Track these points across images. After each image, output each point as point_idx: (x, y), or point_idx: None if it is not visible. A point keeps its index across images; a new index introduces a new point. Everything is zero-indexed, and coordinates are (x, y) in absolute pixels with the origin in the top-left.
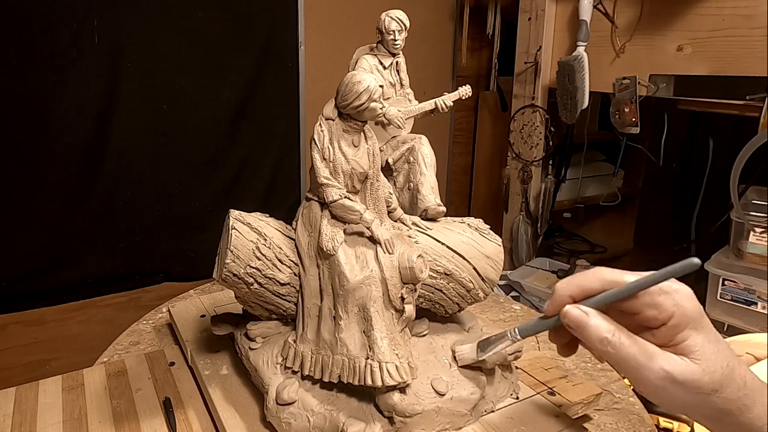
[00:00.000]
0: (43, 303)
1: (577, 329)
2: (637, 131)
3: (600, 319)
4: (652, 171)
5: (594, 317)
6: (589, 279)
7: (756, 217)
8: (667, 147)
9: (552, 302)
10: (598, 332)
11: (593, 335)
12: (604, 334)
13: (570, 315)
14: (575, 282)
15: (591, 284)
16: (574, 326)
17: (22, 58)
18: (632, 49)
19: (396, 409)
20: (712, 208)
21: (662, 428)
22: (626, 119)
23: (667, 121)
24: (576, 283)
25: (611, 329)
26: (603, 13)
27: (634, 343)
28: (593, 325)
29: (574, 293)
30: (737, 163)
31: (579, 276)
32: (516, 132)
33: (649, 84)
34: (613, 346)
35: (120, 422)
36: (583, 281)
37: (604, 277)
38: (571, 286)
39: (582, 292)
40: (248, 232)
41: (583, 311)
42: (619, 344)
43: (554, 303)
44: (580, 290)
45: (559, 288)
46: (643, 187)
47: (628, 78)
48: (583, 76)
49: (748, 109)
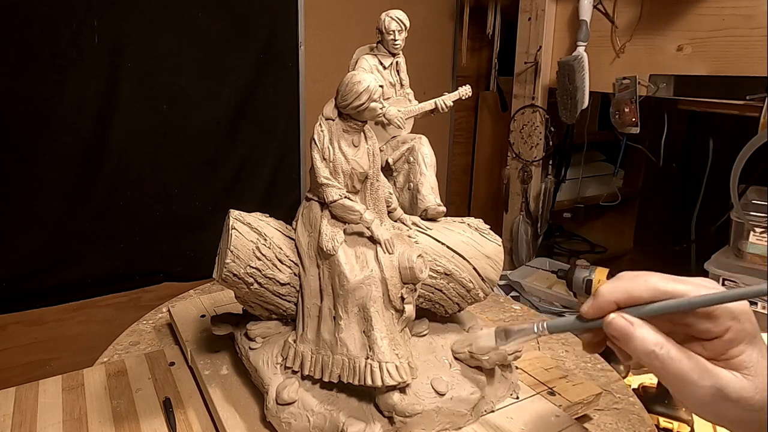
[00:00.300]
0: (43, 303)
1: (621, 340)
2: (637, 131)
3: (647, 330)
4: (652, 171)
5: (640, 328)
6: (639, 286)
7: (756, 217)
8: (667, 147)
9: (594, 306)
10: (645, 345)
11: (639, 347)
12: (651, 348)
13: (615, 324)
14: (622, 287)
15: (640, 292)
16: (618, 336)
17: (22, 58)
18: (632, 49)
19: (396, 409)
20: (712, 208)
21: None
22: (626, 119)
23: (667, 121)
24: (623, 289)
25: (659, 342)
26: (603, 13)
27: (684, 357)
28: (639, 337)
29: (620, 299)
30: (737, 163)
31: (626, 281)
32: (516, 132)
33: (649, 84)
34: (660, 360)
35: (120, 422)
36: (632, 288)
37: (656, 287)
38: (618, 291)
39: (629, 299)
40: (248, 232)
41: (628, 321)
42: (668, 359)
43: (596, 307)
44: (627, 297)
45: (604, 292)
46: (643, 187)
47: (628, 78)
48: (583, 76)
49: (748, 109)
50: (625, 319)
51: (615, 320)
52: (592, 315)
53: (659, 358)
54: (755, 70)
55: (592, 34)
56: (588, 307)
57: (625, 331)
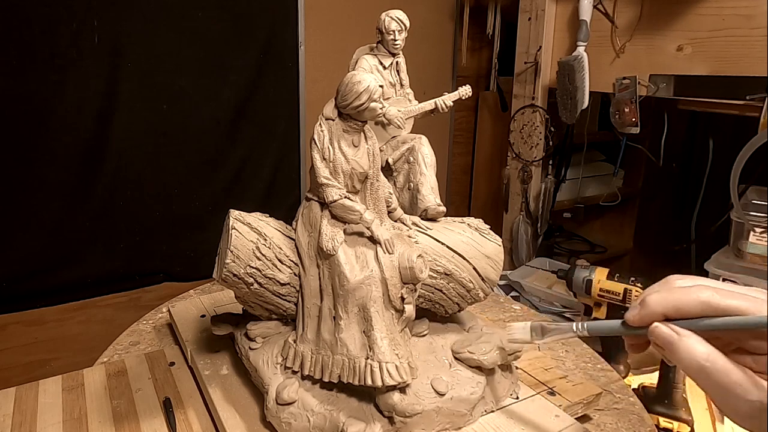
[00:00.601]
0: (43, 303)
1: (667, 349)
2: (637, 131)
3: (694, 341)
4: (652, 171)
5: (686, 338)
6: (690, 301)
7: (756, 217)
8: (667, 147)
9: (640, 314)
10: (691, 355)
11: (684, 358)
12: (697, 359)
13: (659, 334)
14: (671, 301)
15: (690, 308)
16: (664, 346)
17: (22, 58)
18: (632, 49)
19: (396, 409)
20: (712, 208)
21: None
22: (626, 119)
23: (667, 121)
24: (673, 304)
25: (705, 354)
26: (603, 13)
27: (730, 372)
28: (685, 348)
29: (669, 312)
30: (737, 163)
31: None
32: (516, 132)
33: (649, 84)
34: (706, 372)
35: (120, 422)
36: (682, 303)
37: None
38: (666, 303)
39: (677, 313)
40: (248, 232)
41: (674, 331)
42: (714, 371)
43: (643, 316)
44: (676, 311)
45: (652, 303)
46: (643, 187)
47: (628, 78)
48: (583, 76)
49: (748, 109)
50: (671, 329)
51: (660, 329)
52: (637, 323)
53: (705, 370)
54: (755, 70)
55: (592, 34)
56: (633, 315)
57: (671, 341)
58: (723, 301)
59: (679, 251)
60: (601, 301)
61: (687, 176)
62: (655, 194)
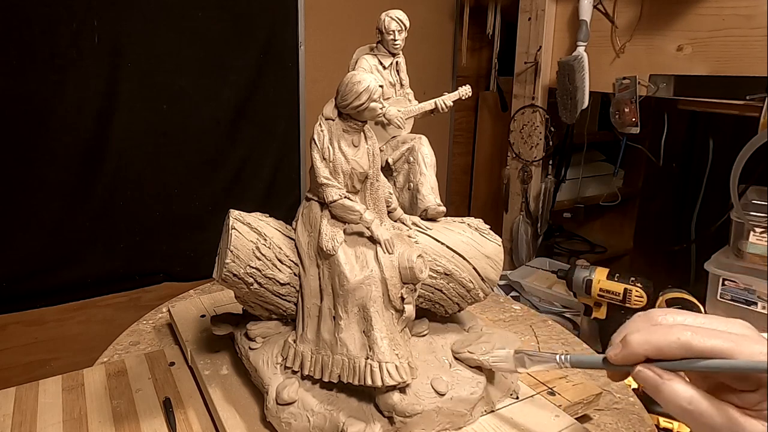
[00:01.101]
0: (43, 303)
1: (651, 390)
2: (637, 131)
3: (676, 383)
4: (652, 171)
5: (669, 381)
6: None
7: (756, 217)
8: (667, 147)
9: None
10: (674, 399)
11: (668, 401)
12: (680, 402)
13: (643, 377)
14: (653, 342)
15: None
16: (648, 387)
17: (22, 58)
18: (632, 49)
19: (396, 409)
20: (712, 208)
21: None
22: (626, 119)
23: (667, 121)
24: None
25: (688, 396)
26: (603, 13)
27: (715, 412)
28: (668, 392)
29: (650, 353)
30: (737, 163)
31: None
32: (516, 132)
33: (649, 84)
34: (690, 415)
35: (120, 422)
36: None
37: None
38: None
39: (659, 354)
40: (248, 232)
41: (657, 374)
42: (698, 414)
43: (624, 356)
44: (657, 352)
45: (634, 344)
46: (643, 187)
47: (628, 78)
48: (583, 76)
49: (748, 109)
50: (654, 372)
51: (643, 372)
52: (620, 362)
53: (690, 414)
54: (755, 70)
55: (592, 34)
56: (615, 355)
57: (654, 383)
58: (702, 342)
59: (679, 251)
60: (601, 301)
61: (687, 176)
62: (655, 194)
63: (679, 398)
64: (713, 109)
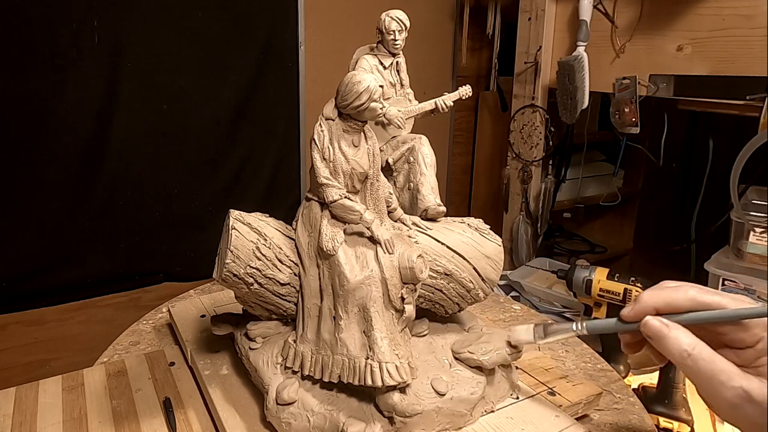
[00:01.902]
0: (43, 303)
1: (657, 340)
2: (637, 131)
3: (681, 331)
4: (652, 171)
5: (675, 329)
6: (679, 296)
7: (756, 217)
8: (667, 147)
9: (634, 310)
10: (679, 345)
11: (673, 347)
12: (684, 347)
13: (650, 325)
14: (663, 296)
15: (680, 302)
16: (654, 337)
17: (22, 58)
18: (632, 49)
19: (396, 409)
20: (712, 208)
21: (662, 428)
22: (626, 119)
23: (667, 121)
24: (663, 298)
25: (692, 343)
26: (603, 13)
27: (715, 360)
28: (673, 337)
29: (660, 306)
30: (737, 163)
31: (668, 290)
32: (516, 132)
33: (649, 84)
34: (692, 360)
35: (120, 422)
36: (672, 297)
37: (695, 298)
38: (658, 299)
39: (668, 307)
40: (248, 232)
41: (663, 323)
42: (700, 359)
43: (637, 311)
44: (667, 305)
45: (645, 297)
46: (643, 187)
47: (628, 78)
48: (583, 76)
49: (748, 109)
50: (661, 321)
51: (650, 321)
52: (632, 318)
53: (692, 357)
54: (755, 70)
55: (592, 34)
56: (629, 310)
57: (660, 331)
58: (707, 297)
59: (679, 251)
60: (601, 301)
61: (687, 176)
62: (655, 194)
63: (683, 344)
64: (713, 109)
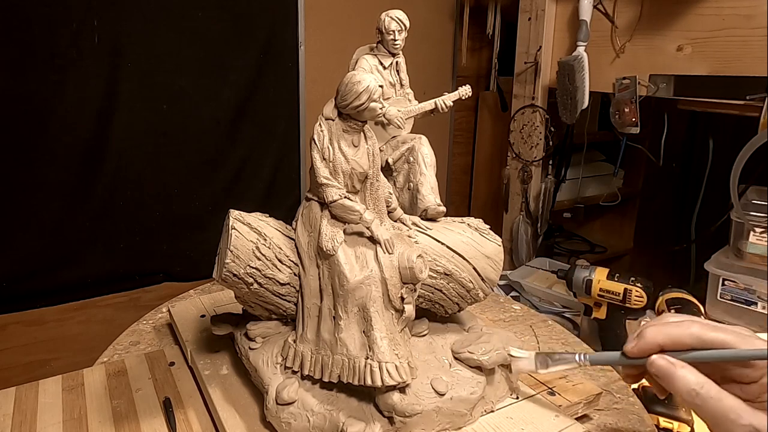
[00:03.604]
0: (43, 303)
1: (664, 378)
2: (637, 131)
3: (688, 370)
4: (652, 171)
5: (682, 368)
6: (683, 333)
7: (756, 217)
8: (667, 147)
9: (638, 346)
10: (687, 384)
11: (681, 386)
12: (692, 386)
13: (658, 365)
14: (666, 332)
15: (684, 339)
16: (662, 376)
17: (22, 58)
18: (632, 49)
19: (396, 409)
20: (712, 208)
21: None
22: (626, 119)
23: (667, 121)
24: (667, 334)
25: (700, 382)
26: (603, 13)
27: (723, 398)
28: (681, 377)
29: (664, 343)
30: (737, 163)
31: (671, 326)
32: (516, 132)
33: (649, 84)
34: (701, 399)
35: (120, 422)
36: (676, 334)
37: (699, 336)
38: (662, 335)
39: (672, 343)
40: (248, 232)
41: (671, 362)
42: (708, 398)
43: (641, 347)
44: (671, 341)
45: (649, 334)
46: (643, 187)
47: (628, 78)
48: (583, 76)
49: (748, 109)
50: (668, 360)
51: (658, 361)
52: (636, 354)
53: (700, 396)
54: (755, 70)
55: (592, 34)
56: (632, 347)
57: (668, 371)
58: (710, 334)
59: (679, 251)
60: (601, 301)
61: (687, 176)
62: (655, 194)
63: (692, 383)
64: (713, 109)
